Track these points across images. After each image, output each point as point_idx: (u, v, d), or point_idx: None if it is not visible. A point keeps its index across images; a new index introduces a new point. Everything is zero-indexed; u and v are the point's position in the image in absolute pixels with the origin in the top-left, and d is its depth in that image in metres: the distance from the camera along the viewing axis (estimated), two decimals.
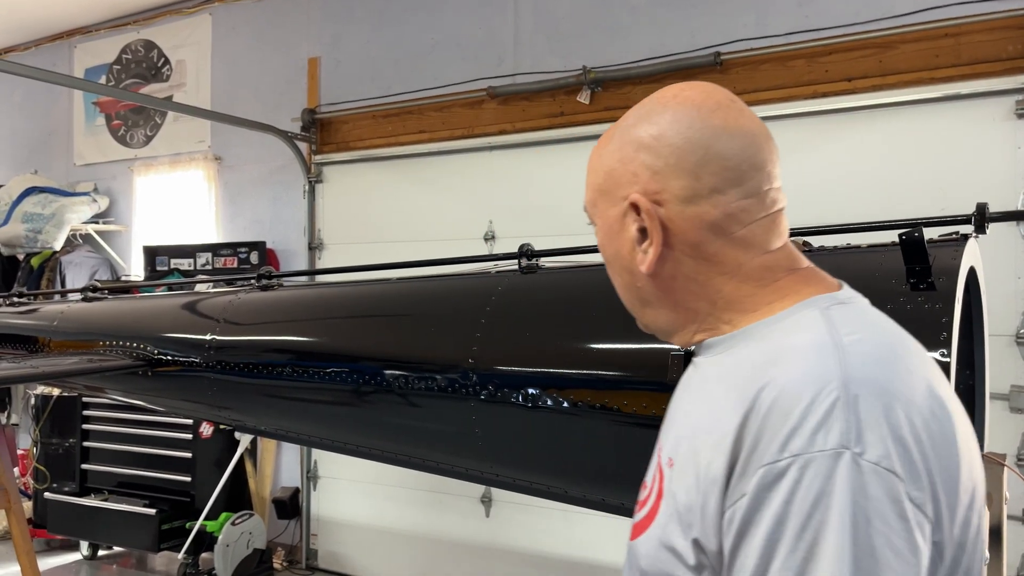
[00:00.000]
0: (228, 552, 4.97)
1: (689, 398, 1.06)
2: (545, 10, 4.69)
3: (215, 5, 6.03)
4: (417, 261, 2.72)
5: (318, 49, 5.53)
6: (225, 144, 6.01)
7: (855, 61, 3.78)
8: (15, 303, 4.16)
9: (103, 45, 6.71)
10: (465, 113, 4.90)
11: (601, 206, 1.09)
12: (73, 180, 6.79)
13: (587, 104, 4.45)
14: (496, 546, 4.74)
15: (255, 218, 5.84)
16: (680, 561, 0.91)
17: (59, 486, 5.66)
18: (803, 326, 0.96)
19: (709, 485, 0.89)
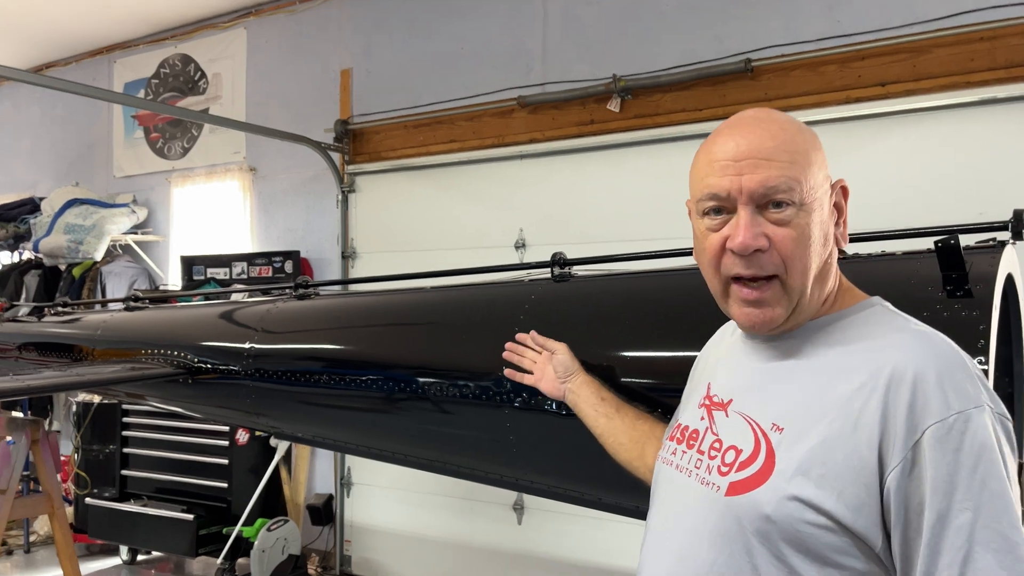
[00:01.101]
0: (264, 557, 5.01)
1: (786, 374, 1.18)
2: (574, 19, 4.70)
3: (250, 19, 6.13)
4: (451, 270, 2.75)
5: (350, 60, 5.60)
6: (260, 155, 6.09)
7: (888, 66, 3.74)
8: (59, 312, 4.25)
9: (142, 60, 6.84)
10: (495, 122, 4.92)
11: (814, 179, 1.15)
12: (113, 192, 6.92)
13: (617, 112, 4.45)
14: (528, 553, 4.74)
15: (289, 227, 5.90)
16: (809, 507, 1.04)
17: (99, 492, 5.75)
18: (888, 317, 1.18)
19: (854, 444, 1.04)
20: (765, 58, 4.05)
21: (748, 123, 1.19)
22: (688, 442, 1.27)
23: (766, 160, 1.12)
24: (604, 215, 4.50)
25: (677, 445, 1.30)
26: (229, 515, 5.27)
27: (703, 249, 1.21)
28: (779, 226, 1.12)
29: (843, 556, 1.04)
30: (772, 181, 1.11)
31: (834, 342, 1.16)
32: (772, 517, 1.06)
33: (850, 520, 1.02)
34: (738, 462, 1.14)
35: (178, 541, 5.28)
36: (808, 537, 1.04)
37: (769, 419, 1.13)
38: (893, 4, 3.78)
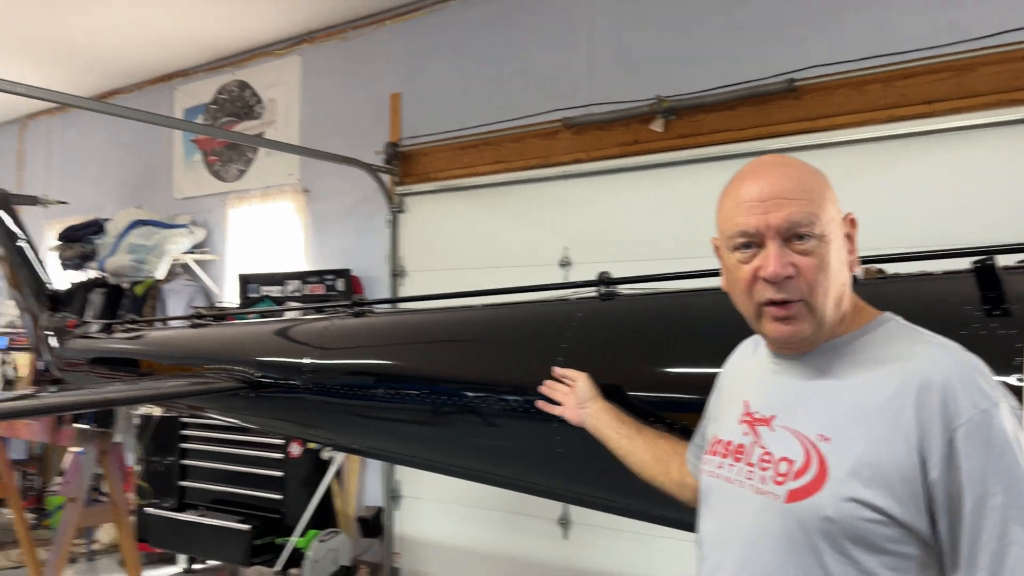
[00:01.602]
0: (316, 568, 5.07)
1: (825, 388, 1.29)
2: (618, 41, 4.75)
3: (304, 46, 6.29)
4: (498, 289, 2.77)
5: (399, 84, 5.70)
6: (312, 177, 6.20)
7: (933, 84, 3.70)
8: (127, 329, 4.40)
9: (200, 86, 7.04)
10: (540, 143, 4.97)
11: (828, 214, 1.27)
12: (173, 213, 7.08)
13: (661, 132, 4.46)
14: (574, 568, 4.74)
15: (340, 247, 6.00)
16: (863, 504, 1.16)
17: (159, 502, 5.86)
18: (904, 331, 1.30)
19: (896, 445, 1.17)
20: (808, 77, 4.03)
21: (768, 168, 1.34)
22: (735, 456, 1.36)
23: (788, 199, 1.26)
24: (648, 234, 4.51)
25: (723, 459, 1.39)
26: (282, 526, 5.34)
27: (736, 279, 1.33)
28: (803, 256, 1.25)
29: (898, 545, 1.16)
30: (795, 217, 1.25)
31: (862, 359, 1.28)
32: (833, 518, 1.17)
33: (900, 513, 1.15)
34: (793, 471, 1.24)
35: (234, 551, 5.36)
36: (866, 532, 1.16)
37: (815, 431, 1.24)
38: (938, 22, 3.74)
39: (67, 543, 3.90)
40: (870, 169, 3.81)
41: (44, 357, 4.96)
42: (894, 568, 1.17)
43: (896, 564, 1.17)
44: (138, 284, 6.42)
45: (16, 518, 5.17)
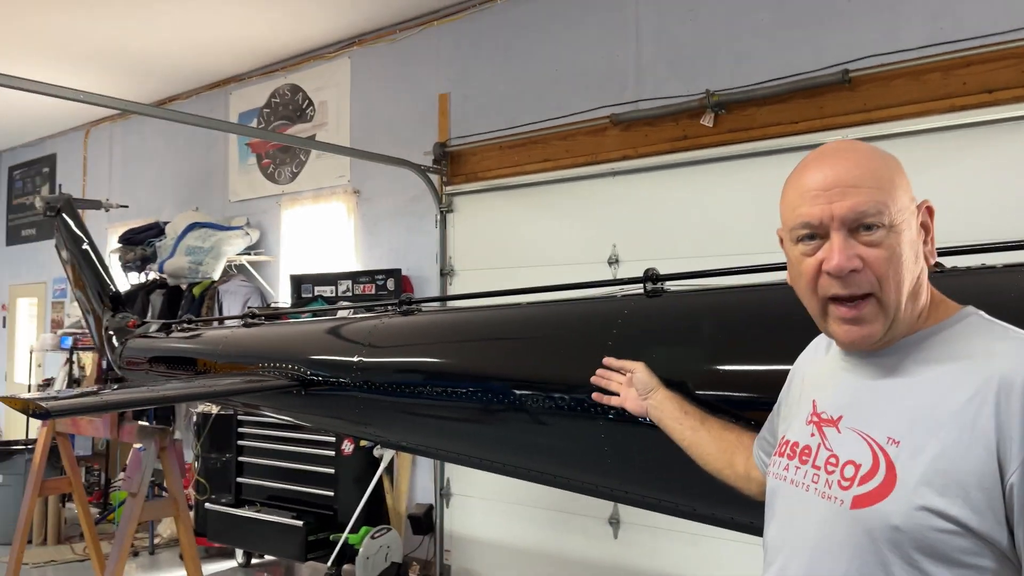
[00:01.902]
0: (368, 564, 5.13)
1: (896, 388, 1.21)
2: (667, 36, 4.71)
3: (353, 49, 6.36)
4: (546, 286, 2.77)
5: (447, 85, 5.73)
6: (363, 178, 6.27)
7: (995, 72, 3.59)
8: (184, 329, 4.50)
9: (254, 91, 7.17)
10: (588, 140, 4.95)
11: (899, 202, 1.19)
12: (228, 215, 7.23)
13: (711, 127, 4.42)
14: (623, 567, 4.71)
15: (391, 247, 6.05)
16: (937, 515, 1.07)
17: (217, 497, 6.00)
18: (987, 326, 1.20)
19: (973, 450, 1.08)
20: (864, 68, 3.95)
21: (833, 154, 1.25)
22: (801, 458, 1.29)
23: (854, 187, 1.18)
24: (697, 230, 4.47)
25: (789, 461, 1.32)
26: (335, 522, 5.41)
27: (800, 273, 1.26)
28: (871, 247, 1.17)
29: (973, 557, 1.07)
30: (861, 206, 1.17)
31: (937, 356, 1.19)
32: (901, 527, 1.10)
33: (976, 523, 1.06)
34: (859, 476, 1.17)
35: (289, 546, 5.46)
36: (938, 543, 1.08)
37: (884, 433, 1.17)
38: (999, 8, 3.62)
39: (129, 537, 3.99)
40: (930, 161, 3.70)
41: (107, 356, 5.11)
42: None
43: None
44: (195, 285, 6.55)
45: (81, 512, 5.32)
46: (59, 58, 6.70)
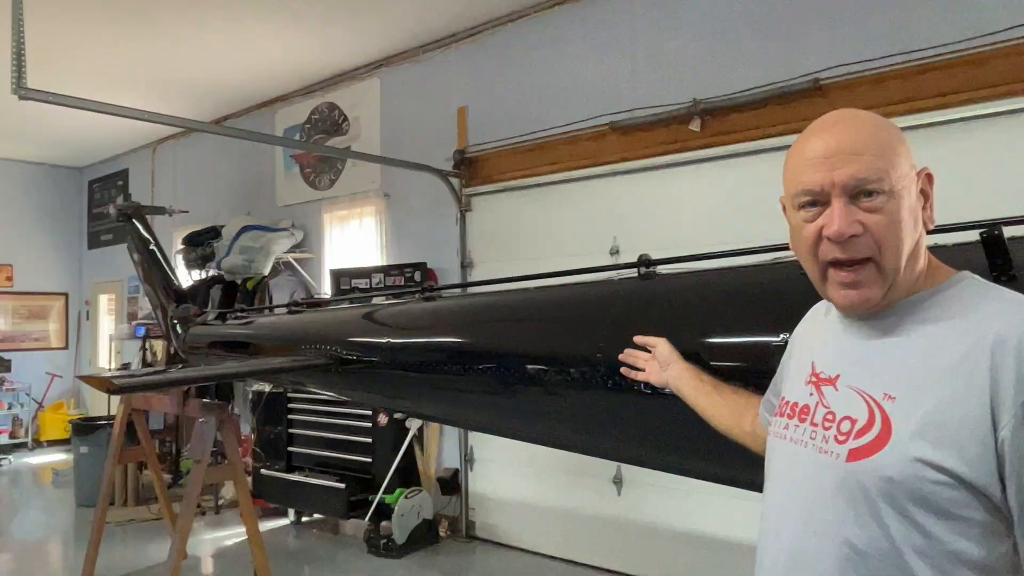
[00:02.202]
0: (403, 521, 5.19)
1: (893, 346, 1.13)
2: (657, 50, 4.67)
3: (382, 70, 6.36)
4: (551, 272, 2.76)
5: (465, 99, 5.72)
6: (392, 183, 6.27)
7: (946, 78, 3.55)
8: (238, 317, 4.54)
9: (296, 109, 7.20)
10: (590, 145, 4.93)
11: (901, 169, 1.11)
12: (276, 218, 7.26)
13: (698, 131, 4.39)
14: (626, 521, 4.72)
15: (417, 243, 6.06)
16: (928, 465, 1.01)
17: (270, 464, 6.09)
18: (983, 288, 1.13)
19: (967, 405, 1.01)
20: (832, 76, 3.91)
21: (835, 122, 1.16)
22: (799, 416, 1.22)
23: (855, 155, 1.09)
24: (686, 222, 4.45)
25: (788, 420, 1.24)
26: (373, 485, 5.47)
27: (801, 239, 1.17)
28: (871, 213, 1.09)
29: (964, 509, 1.01)
30: (862, 173, 1.08)
31: (934, 316, 1.11)
32: (895, 478, 1.03)
33: (970, 475, 1.00)
34: (855, 430, 1.10)
35: (333, 506, 5.52)
36: (931, 494, 1.02)
37: (880, 390, 1.10)
38: (950, 20, 3.57)
39: (195, 498, 4.03)
40: None
41: (173, 343, 5.16)
42: (959, 533, 1.02)
43: (961, 529, 1.02)
44: (248, 280, 6.60)
45: (155, 478, 5.40)
46: (129, 85, 6.76)
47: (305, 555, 5.29)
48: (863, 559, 1.06)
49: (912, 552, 1.03)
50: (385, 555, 5.15)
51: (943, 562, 1.02)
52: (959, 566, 1.01)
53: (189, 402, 4.42)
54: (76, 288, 10.43)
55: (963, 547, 1.01)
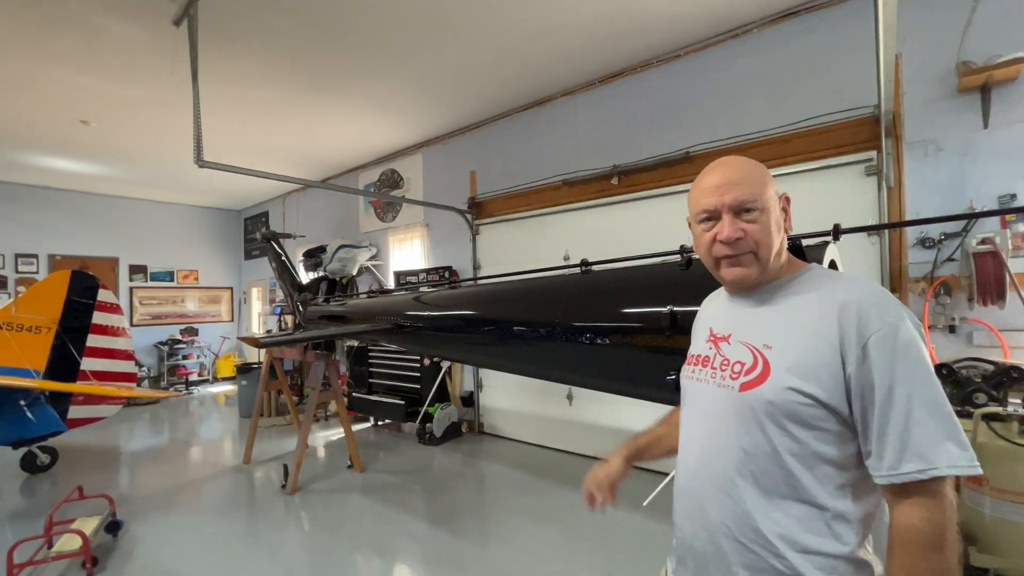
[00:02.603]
0: (439, 422, 5.19)
1: (768, 313, 1.05)
2: (591, 135, 4.64)
3: (423, 148, 6.29)
4: (526, 271, 2.77)
5: (475, 166, 5.66)
6: (430, 218, 6.21)
7: (766, 150, 3.54)
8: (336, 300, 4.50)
9: (371, 173, 7.09)
10: (551, 193, 4.90)
11: (767, 193, 1.05)
12: (360, 239, 7.20)
13: (616, 185, 4.37)
14: (576, 422, 4.73)
15: (446, 254, 5.99)
16: (796, 392, 0.96)
17: (359, 390, 6.06)
18: (827, 272, 1.05)
19: (823, 350, 0.95)
20: (697, 150, 3.90)
21: (724, 164, 1.10)
22: (702, 363, 1.13)
23: (736, 184, 1.05)
24: (609, 240, 4.44)
25: (694, 366, 1.15)
26: (421, 401, 5.44)
27: (702, 243, 1.10)
28: (750, 223, 1.04)
29: (823, 422, 0.96)
30: (742, 196, 1.04)
31: (795, 291, 1.05)
32: (774, 402, 0.98)
33: (826, 398, 0.95)
34: (744, 370, 1.03)
35: (396, 414, 5.50)
36: (799, 411, 0.96)
37: (761, 342, 1.03)
38: (768, 113, 3.57)
39: (312, 411, 4.03)
40: None
41: (297, 317, 5.13)
42: (820, 439, 0.96)
43: (821, 436, 0.96)
44: (343, 278, 6.55)
45: (287, 400, 5.37)
46: (270, 157, 6.66)
47: (380, 445, 5.29)
48: (752, 459, 1.00)
49: (787, 453, 0.97)
50: (429, 444, 5.14)
51: (809, 459, 0.96)
52: (820, 462, 0.96)
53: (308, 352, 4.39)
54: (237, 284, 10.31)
55: (823, 449, 0.96)
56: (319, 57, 4.08)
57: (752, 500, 0.98)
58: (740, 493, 0.99)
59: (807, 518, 0.95)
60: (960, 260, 2.86)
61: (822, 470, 0.96)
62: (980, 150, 2.85)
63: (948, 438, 0.88)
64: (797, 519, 0.95)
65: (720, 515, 1.01)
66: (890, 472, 0.91)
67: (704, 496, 1.04)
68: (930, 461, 0.88)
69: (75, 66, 4.12)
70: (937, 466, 0.88)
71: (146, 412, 7.03)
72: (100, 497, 3.41)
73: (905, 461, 0.89)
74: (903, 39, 2.99)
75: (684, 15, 3.57)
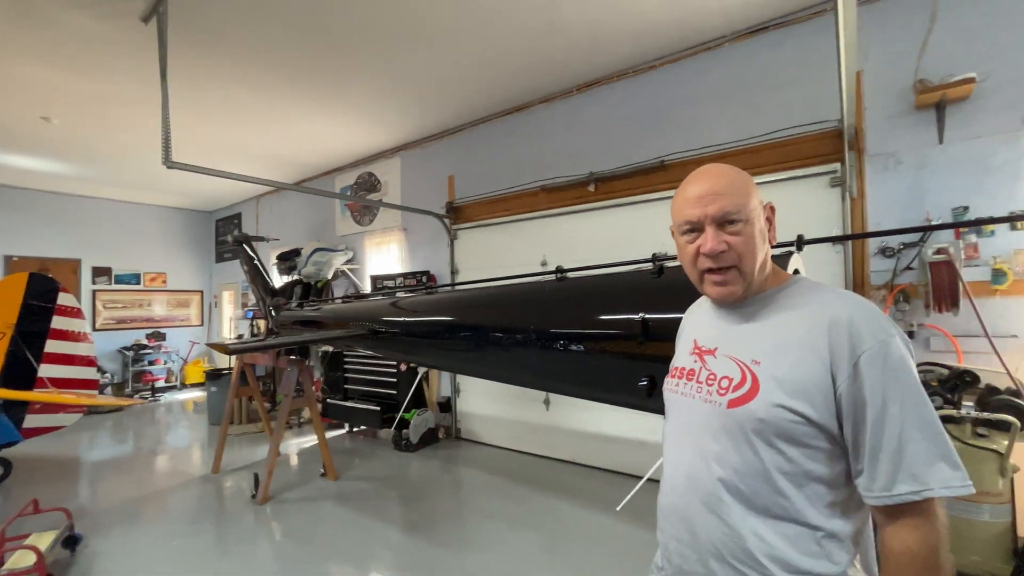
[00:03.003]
0: (416, 429, 5.13)
1: (756, 327, 1.01)
2: (569, 142, 4.67)
3: (402, 151, 6.23)
4: (503, 277, 2.78)
5: (453, 170, 5.64)
6: (408, 222, 6.16)
7: (737, 160, 3.62)
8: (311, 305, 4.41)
9: (348, 175, 7.00)
10: (529, 199, 4.91)
11: (751, 205, 1.01)
12: (336, 243, 7.08)
13: (593, 192, 4.40)
14: (551, 425, 4.74)
15: (424, 259, 5.95)
16: (786, 410, 0.93)
17: (334, 396, 5.93)
18: (814, 285, 1.01)
19: (813, 367, 0.92)
20: (671, 159, 3.95)
21: (707, 173, 1.05)
22: (687, 377, 1.08)
23: (720, 195, 1.00)
24: (585, 246, 4.46)
25: (679, 379, 1.10)
26: (397, 407, 5.37)
27: (685, 255, 1.06)
28: (733, 235, 1.00)
29: (813, 440, 0.92)
30: (726, 207, 1.00)
31: (783, 305, 1.01)
32: (764, 419, 0.94)
33: (816, 417, 0.91)
34: (732, 386, 0.99)
35: (372, 420, 5.41)
36: (789, 429, 0.93)
37: (749, 357, 0.99)
38: (739, 124, 3.66)
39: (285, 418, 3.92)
40: None
41: (269, 322, 5.00)
42: (809, 457, 0.92)
43: (811, 454, 0.92)
44: (319, 282, 6.43)
45: (259, 406, 5.23)
46: (242, 158, 6.51)
47: (355, 452, 5.20)
48: (741, 477, 0.96)
49: (777, 471, 0.94)
50: (405, 450, 5.08)
51: (799, 478, 0.93)
52: (810, 481, 0.93)
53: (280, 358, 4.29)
54: (207, 287, 10.00)
55: (813, 467, 0.93)
56: (295, 57, 4.01)
57: (741, 520, 0.94)
58: (729, 513, 0.96)
59: (798, 538, 0.92)
60: (918, 269, 2.99)
61: (812, 488, 0.92)
62: (936, 164, 2.98)
63: (941, 458, 0.85)
64: (788, 539, 0.92)
65: (709, 535, 0.97)
66: (883, 493, 0.88)
67: (692, 516, 1.00)
68: (924, 482, 0.85)
69: (36, 61, 3.94)
70: (931, 487, 0.85)
71: (108, 420, 6.74)
72: (57, 510, 3.25)
73: (899, 482, 0.86)
74: (864, 57, 3.12)
75: (655, 28, 3.64)
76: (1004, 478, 2.24)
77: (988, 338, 2.66)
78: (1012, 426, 2.23)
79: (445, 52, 3.94)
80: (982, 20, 2.86)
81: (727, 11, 3.44)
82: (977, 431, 2.31)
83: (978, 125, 2.87)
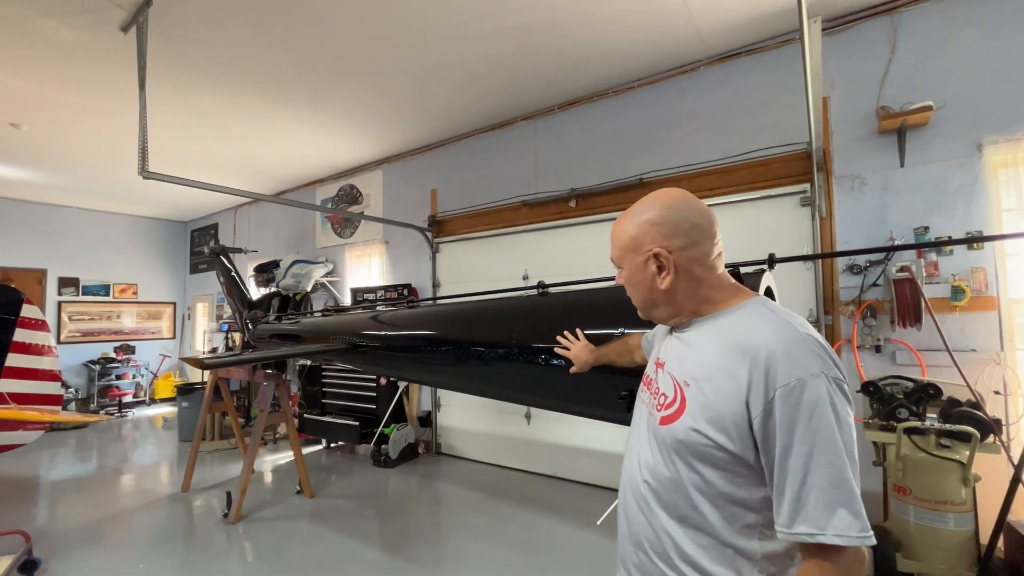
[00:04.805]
0: (395, 444, 5.04)
1: (693, 349, 1.04)
2: (551, 158, 4.73)
3: (384, 164, 6.22)
4: (485, 291, 2.77)
5: (435, 184, 5.65)
6: (390, 235, 6.12)
7: (712, 179, 3.72)
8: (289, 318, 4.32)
9: (329, 187, 6.94)
10: (511, 214, 4.94)
11: (628, 257, 1.09)
12: (316, 255, 6.99)
13: (574, 208, 4.46)
14: (532, 439, 4.72)
15: (406, 272, 5.91)
16: (702, 435, 0.96)
17: (311, 411, 5.81)
18: (759, 311, 1.01)
19: (731, 397, 0.93)
20: (650, 176, 4.04)
21: (621, 216, 1.13)
22: (647, 385, 1.15)
23: (612, 242, 1.12)
24: (566, 262, 4.50)
25: (644, 387, 1.17)
26: (376, 422, 5.29)
27: None
28: (621, 277, 1.12)
29: (730, 465, 0.95)
30: (614, 255, 1.12)
31: (720, 331, 1.02)
32: (683, 440, 0.99)
33: (731, 447, 0.94)
34: (666, 403, 1.05)
35: (350, 436, 5.31)
36: (706, 453, 0.96)
37: (683, 377, 1.04)
38: (714, 145, 3.76)
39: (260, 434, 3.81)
40: None
41: (246, 335, 4.88)
42: (727, 480, 0.95)
43: (729, 478, 0.95)
44: (298, 294, 6.32)
45: (233, 422, 5.06)
46: (219, 169, 6.39)
47: (332, 468, 5.07)
48: (664, 487, 1.02)
49: (694, 489, 0.97)
50: (384, 466, 4.99)
51: (715, 498, 0.96)
52: (727, 502, 0.95)
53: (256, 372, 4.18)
54: (181, 298, 9.71)
55: (731, 490, 0.95)
56: (277, 70, 4.00)
57: (662, 523, 1.01)
58: (654, 515, 1.02)
59: (712, 548, 0.95)
60: (883, 286, 3.11)
61: (729, 509, 0.95)
62: (898, 186, 3.13)
63: (842, 505, 0.85)
64: (702, 547, 0.96)
65: (639, 530, 1.06)
66: (783, 529, 0.89)
67: (628, 511, 1.09)
68: (820, 527, 0.86)
69: (5, 67, 3.83)
70: (825, 532, 0.85)
71: (71, 438, 6.43)
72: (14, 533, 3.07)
73: (797, 522, 0.87)
74: (831, 84, 3.27)
75: (633, 51, 3.75)
76: (967, 487, 2.31)
77: (949, 352, 2.78)
78: (973, 437, 2.31)
79: (428, 67, 3.98)
80: (938, 51, 3.04)
81: (702, 37, 3.57)
82: (940, 442, 2.39)
83: (936, 150, 3.03)
